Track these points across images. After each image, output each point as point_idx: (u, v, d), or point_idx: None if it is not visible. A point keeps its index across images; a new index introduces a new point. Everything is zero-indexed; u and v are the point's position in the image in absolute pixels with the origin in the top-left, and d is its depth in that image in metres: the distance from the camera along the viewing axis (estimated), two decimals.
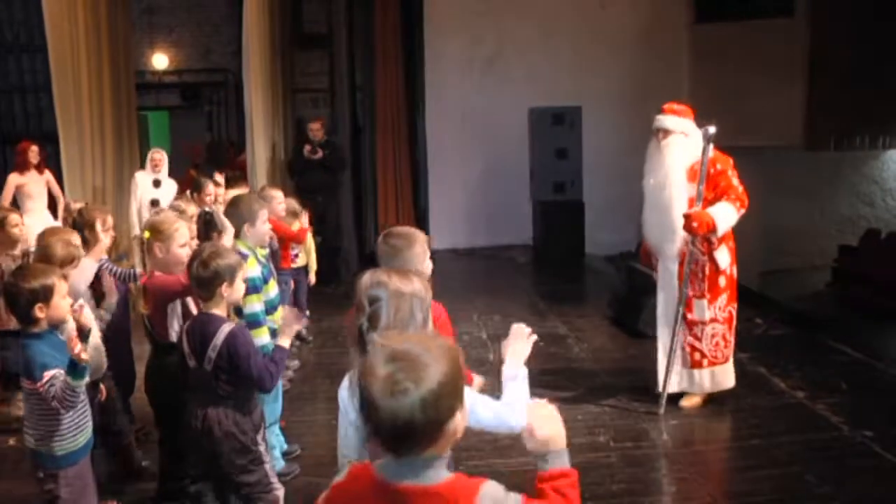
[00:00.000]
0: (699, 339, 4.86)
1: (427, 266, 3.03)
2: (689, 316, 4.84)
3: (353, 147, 10.33)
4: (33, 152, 7.58)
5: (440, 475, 1.55)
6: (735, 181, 4.73)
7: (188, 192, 7.03)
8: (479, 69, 10.02)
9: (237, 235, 3.93)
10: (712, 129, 4.62)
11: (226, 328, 3.04)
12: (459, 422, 1.55)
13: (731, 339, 4.91)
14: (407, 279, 2.24)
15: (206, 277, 3.07)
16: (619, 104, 9.38)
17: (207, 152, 12.97)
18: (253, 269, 3.79)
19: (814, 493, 3.87)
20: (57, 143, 8.06)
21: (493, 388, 2.36)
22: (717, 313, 4.84)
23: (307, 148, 8.63)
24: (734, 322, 4.91)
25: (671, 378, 4.89)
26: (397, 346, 1.52)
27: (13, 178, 7.52)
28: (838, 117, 8.10)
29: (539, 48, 9.82)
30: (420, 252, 2.99)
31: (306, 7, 11.00)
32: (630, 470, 4.13)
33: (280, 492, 3.22)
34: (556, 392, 5.00)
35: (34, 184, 7.57)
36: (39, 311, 2.94)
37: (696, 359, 4.88)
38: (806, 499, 3.84)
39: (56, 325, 3.01)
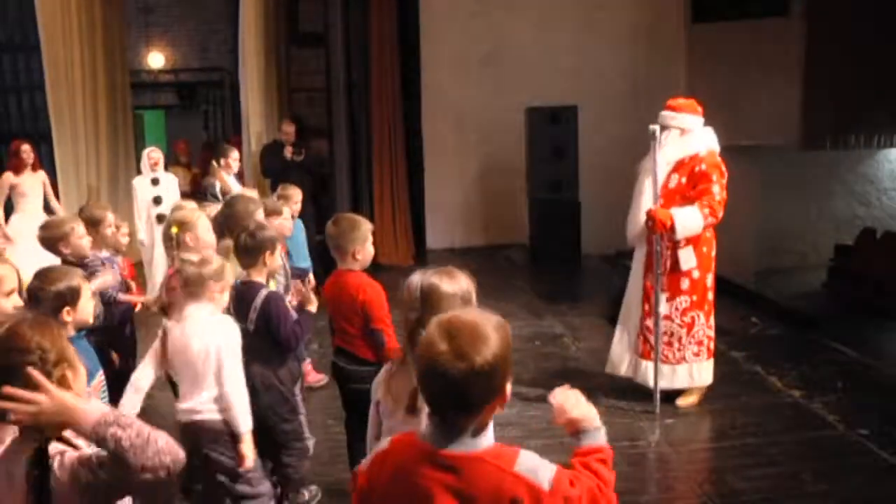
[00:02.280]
0: (650, 332, 4.86)
1: (369, 249, 3.56)
2: (647, 306, 4.87)
3: (349, 146, 10.32)
4: (26, 151, 7.46)
5: (483, 442, 1.65)
6: (716, 188, 4.63)
7: (213, 162, 7.04)
8: (476, 68, 10.01)
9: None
10: (655, 127, 4.66)
11: (263, 293, 3.44)
12: (506, 394, 1.66)
13: (691, 345, 4.83)
14: (455, 280, 2.34)
15: (251, 246, 3.48)
16: (615, 103, 9.37)
17: (204, 151, 12.94)
18: None
19: (809, 492, 3.88)
20: (51, 142, 8.07)
21: None
22: (674, 313, 4.81)
23: (289, 150, 8.55)
24: (695, 329, 4.82)
25: (623, 362, 5.00)
26: (456, 321, 1.63)
27: (8, 178, 7.44)
28: (834, 116, 8.09)
29: (535, 47, 9.81)
30: (363, 235, 3.53)
31: (302, 6, 10.97)
32: (626, 469, 4.13)
33: (311, 441, 3.59)
34: (552, 391, 4.99)
35: (30, 183, 7.48)
36: (67, 315, 2.79)
37: (646, 349, 4.90)
38: (801, 497, 3.85)
39: (81, 329, 2.92)
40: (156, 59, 13.22)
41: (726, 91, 8.36)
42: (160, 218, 6.78)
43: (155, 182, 7.56)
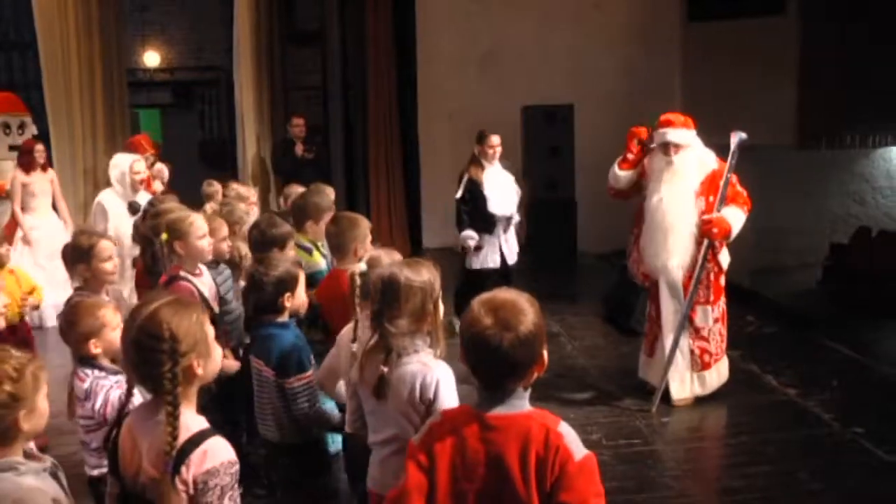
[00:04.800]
0: (707, 341, 4.86)
1: (369, 247, 3.53)
2: (696, 322, 4.83)
3: (345, 145, 10.31)
4: (39, 151, 7.24)
5: (526, 405, 1.87)
6: (738, 188, 4.74)
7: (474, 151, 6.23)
8: (472, 67, 10.00)
9: (300, 229, 4.12)
10: (744, 136, 4.55)
11: None
12: (545, 360, 1.87)
13: (725, 332, 4.95)
14: (417, 271, 2.40)
15: (261, 242, 3.60)
16: (611, 102, 9.37)
17: (200, 151, 12.88)
18: (319, 263, 4.00)
19: (805, 490, 3.89)
20: (48, 140, 8.04)
21: None
22: (720, 313, 4.88)
23: (300, 147, 8.52)
24: (727, 317, 4.97)
25: (684, 384, 4.88)
26: (496, 299, 1.85)
27: (19, 177, 7.19)
28: (829, 116, 8.12)
29: (532, 46, 9.81)
30: (363, 232, 3.52)
31: (298, 4, 10.97)
32: (622, 468, 4.14)
33: None
34: (548, 390, 5.00)
35: (39, 182, 7.28)
36: (287, 301, 2.92)
37: (706, 360, 4.88)
38: (797, 495, 3.86)
39: (293, 317, 3.00)
40: (151, 58, 13.18)
41: (722, 90, 8.38)
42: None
43: (134, 209, 6.28)
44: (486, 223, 6.23)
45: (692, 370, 4.88)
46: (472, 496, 1.82)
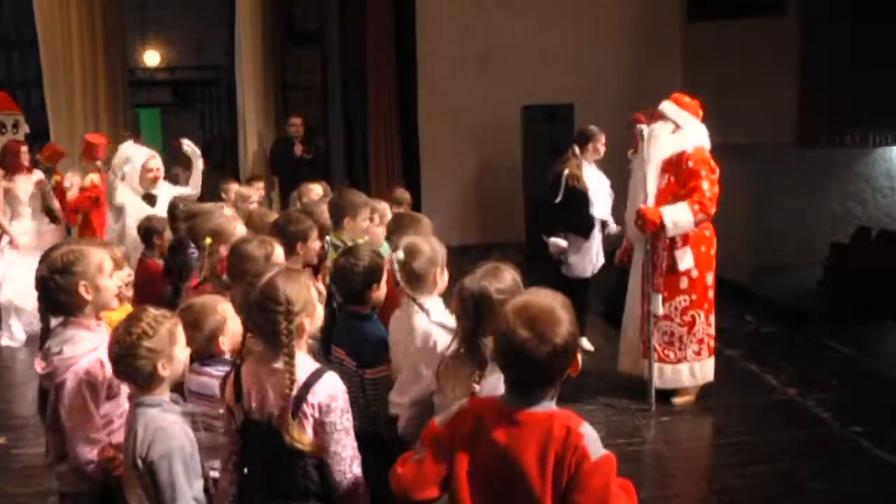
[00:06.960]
0: (648, 333, 4.86)
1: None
2: (646, 307, 4.85)
3: (345, 145, 10.30)
4: (24, 153, 6.83)
5: (552, 405, 1.90)
6: (705, 185, 4.59)
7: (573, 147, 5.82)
8: (472, 67, 10.00)
9: (337, 227, 4.03)
10: (644, 127, 4.69)
11: None
12: (578, 363, 1.90)
13: (692, 344, 4.82)
14: (502, 279, 2.37)
15: (283, 237, 3.48)
16: (612, 101, 9.35)
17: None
18: None
19: (804, 489, 3.90)
20: (48, 140, 8.05)
21: None
22: (673, 313, 4.78)
23: (299, 147, 8.52)
24: (696, 328, 4.82)
25: (629, 356, 4.95)
26: (531, 308, 1.85)
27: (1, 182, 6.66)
28: (830, 115, 8.11)
29: (532, 45, 9.81)
30: (424, 233, 3.42)
31: (298, 4, 10.97)
32: (622, 467, 4.04)
33: None
34: None
35: (24, 186, 6.82)
36: (374, 292, 2.93)
37: (643, 348, 4.89)
38: (796, 494, 3.87)
39: (375, 308, 3.01)
40: (151, 57, 13.21)
41: (722, 89, 8.36)
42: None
43: (151, 200, 5.83)
44: (586, 227, 5.77)
45: (639, 350, 4.91)
46: (487, 488, 1.85)
